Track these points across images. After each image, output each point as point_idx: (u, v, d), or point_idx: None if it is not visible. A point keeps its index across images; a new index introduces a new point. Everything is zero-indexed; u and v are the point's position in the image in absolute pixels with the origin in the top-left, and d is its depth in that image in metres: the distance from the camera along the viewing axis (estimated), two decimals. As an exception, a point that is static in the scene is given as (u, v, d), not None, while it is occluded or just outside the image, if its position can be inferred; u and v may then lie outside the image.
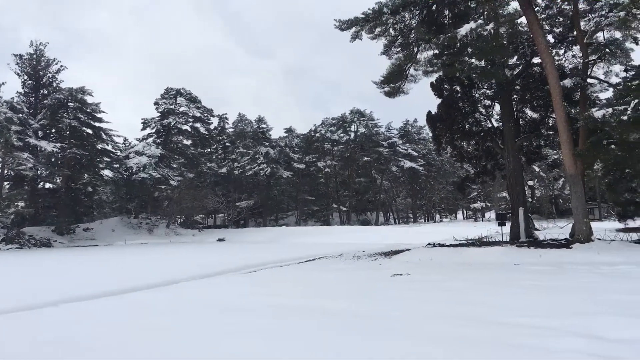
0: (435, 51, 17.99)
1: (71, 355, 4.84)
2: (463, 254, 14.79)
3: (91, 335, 5.66)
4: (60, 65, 42.90)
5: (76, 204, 41.46)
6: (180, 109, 51.35)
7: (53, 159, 38.65)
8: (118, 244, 36.17)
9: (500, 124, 21.57)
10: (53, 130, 39.69)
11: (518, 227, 18.55)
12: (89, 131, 40.51)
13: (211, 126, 56.72)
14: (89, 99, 40.13)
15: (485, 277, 9.86)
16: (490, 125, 22.23)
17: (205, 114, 53.33)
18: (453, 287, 8.61)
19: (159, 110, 50.80)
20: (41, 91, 41.93)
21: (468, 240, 20.57)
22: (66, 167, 38.20)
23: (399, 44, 18.70)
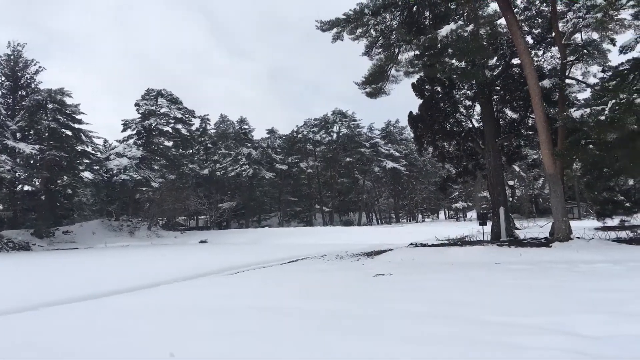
0: (416, 52, 18.04)
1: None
2: (445, 253, 14.88)
3: (64, 342, 5.50)
4: (39, 66, 42.33)
5: (55, 207, 40.80)
6: (161, 110, 50.86)
7: (32, 161, 37.97)
8: (99, 246, 35.68)
9: (481, 124, 21.83)
10: (31, 132, 38.94)
11: (499, 227, 18.70)
12: (69, 133, 39.85)
13: (193, 127, 56.36)
14: (68, 100, 39.58)
15: (467, 276, 9.91)
16: (471, 125, 22.46)
17: (187, 115, 52.88)
18: (434, 287, 8.64)
19: (140, 111, 50.30)
20: (19, 92, 41.17)
21: (450, 240, 20.68)
22: (45, 169, 37.43)
23: (381, 45, 18.75)
